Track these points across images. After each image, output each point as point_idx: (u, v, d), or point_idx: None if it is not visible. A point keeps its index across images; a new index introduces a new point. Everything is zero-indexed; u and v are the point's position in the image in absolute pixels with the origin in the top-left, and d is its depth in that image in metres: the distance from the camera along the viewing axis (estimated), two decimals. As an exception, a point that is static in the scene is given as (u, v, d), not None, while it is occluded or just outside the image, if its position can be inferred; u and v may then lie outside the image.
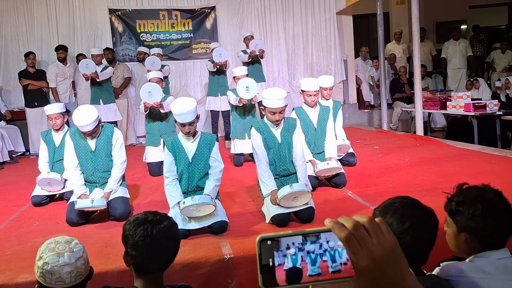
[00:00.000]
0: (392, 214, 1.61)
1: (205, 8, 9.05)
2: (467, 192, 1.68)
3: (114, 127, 4.25)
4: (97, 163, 4.09)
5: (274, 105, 3.67)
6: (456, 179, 1.91)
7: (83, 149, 4.07)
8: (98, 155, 4.09)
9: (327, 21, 9.44)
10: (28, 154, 7.96)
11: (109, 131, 4.14)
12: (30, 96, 7.80)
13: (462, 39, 10.20)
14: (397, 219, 1.59)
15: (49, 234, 3.66)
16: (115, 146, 4.14)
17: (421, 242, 1.59)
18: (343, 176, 4.61)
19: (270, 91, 3.83)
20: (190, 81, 9.10)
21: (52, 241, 1.94)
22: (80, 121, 3.88)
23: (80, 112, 3.94)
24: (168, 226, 1.91)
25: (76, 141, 4.07)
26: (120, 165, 4.14)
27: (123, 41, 8.85)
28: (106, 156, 4.11)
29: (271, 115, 3.72)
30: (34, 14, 8.58)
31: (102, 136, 4.09)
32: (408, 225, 1.58)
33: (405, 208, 1.62)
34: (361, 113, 9.73)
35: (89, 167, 4.09)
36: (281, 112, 3.73)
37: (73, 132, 4.11)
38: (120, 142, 4.17)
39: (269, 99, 3.68)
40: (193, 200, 3.34)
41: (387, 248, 0.68)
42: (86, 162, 4.09)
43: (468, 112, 7.08)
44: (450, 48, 10.08)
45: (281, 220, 3.55)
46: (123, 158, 4.17)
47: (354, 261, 0.67)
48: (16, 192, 5.32)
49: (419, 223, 1.60)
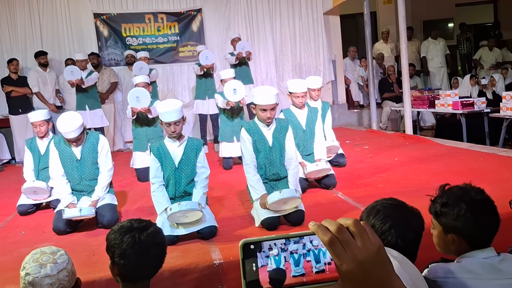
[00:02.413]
0: (374, 215, 1.62)
1: (191, 10, 8.99)
2: (450, 193, 1.70)
3: (100, 134, 4.18)
4: (83, 172, 4.02)
5: (265, 101, 3.60)
6: (445, 178, 1.90)
7: (68, 157, 4.00)
8: (84, 163, 4.01)
9: (314, 22, 9.44)
10: (14, 162, 7.85)
11: (94, 139, 4.06)
12: (14, 103, 7.68)
13: (440, 38, 10.29)
14: (379, 220, 1.60)
15: (35, 244, 3.59)
16: (101, 153, 4.06)
17: (406, 243, 1.58)
18: (333, 177, 4.58)
19: (260, 88, 3.80)
20: (177, 84, 9.03)
21: (38, 251, 1.90)
22: (65, 128, 3.80)
23: (64, 119, 3.86)
24: (154, 231, 1.91)
25: (61, 150, 3.99)
26: (107, 172, 4.08)
27: (109, 45, 8.77)
28: (92, 164, 4.04)
29: (262, 112, 3.64)
30: (17, 20, 8.45)
31: (87, 144, 4.02)
32: (389, 225, 1.58)
33: (387, 209, 1.63)
34: (350, 113, 9.73)
35: (75, 176, 4.02)
36: (273, 109, 3.65)
37: (57, 140, 4.03)
38: (106, 149, 4.10)
39: (260, 96, 3.62)
40: (180, 206, 3.29)
41: (372, 250, 0.67)
42: (72, 171, 4.01)
43: (456, 110, 7.11)
44: (431, 47, 10.17)
45: (271, 223, 3.51)
46: (109, 165, 4.10)
47: (338, 264, 0.66)
48: (2, 201, 5.23)
49: (402, 223, 1.60)
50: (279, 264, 0.69)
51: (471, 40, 11.28)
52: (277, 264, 0.69)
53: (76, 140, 3.90)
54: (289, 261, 0.70)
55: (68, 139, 3.88)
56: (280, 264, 0.69)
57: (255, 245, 0.70)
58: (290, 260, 0.70)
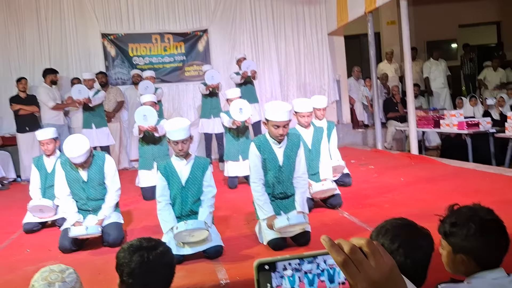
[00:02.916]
0: (383, 234, 1.62)
1: (198, 31, 9.12)
2: (459, 213, 1.69)
3: (106, 154, 4.16)
4: (90, 193, 4.02)
5: (278, 118, 3.48)
6: (452, 198, 1.90)
7: (74, 179, 3.98)
8: (91, 185, 4.00)
9: (319, 42, 9.54)
10: (19, 180, 7.87)
11: (101, 160, 4.04)
12: (22, 121, 7.74)
13: (441, 59, 10.36)
14: (388, 239, 1.60)
15: (41, 262, 3.58)
16: (108, 174, 4.04)
17: (414, 262, 1.58)
18: (339, 197, 4.57)
19: (274, 103, 3.66)
20: (183, 103, 9.11)
21: (47, 269, 1.90)
22: (71, 153, 3.75)
23: (71, 143, 3.80)
24: (163, 251, 1.91)
25: (67, 171, 3.97)
26: (114, 192, 4.07)
27: (116, 64, 8.88)
28: (98, 185, 4.03)
29: (275, 129, 3.52)
30: (26, 38, 8.59)
31: (93, 166, 3.99)
32: (398, 245, 1.58)
33: (397, 229, 1.63)
34: (355, 133, 9.75)
35: (82, 196, 4.02)
36: (286, 126, 3.53)
37: (63, 161, 4.00)
38: (113, 170, 4.08)
39: (273, 112, 3.49)
40: (186, 225, 3.28)
41: (385, 270, 0.68)
42: (79, 192, 4.00)
43: (462, 130, 7.11)
44: (433, 68, 10.23)
45: (278, 244, 3.49)
46: (117, 185, 4.10)
47: (352, 284, 0.67)
48: (7, 219, 5.24)
49: (411, 243, 1.60)
50: (294, 284, 0.70)
51: (475, 61, 11.35)
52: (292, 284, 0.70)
53: (83, 164, 3.89)
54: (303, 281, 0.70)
55: (75, 163, 3.87)
56: (294, 284, 0.70)
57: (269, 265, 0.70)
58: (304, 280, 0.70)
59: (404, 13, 6.96)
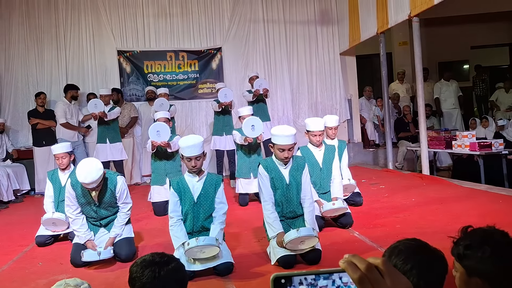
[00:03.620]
0: (396, 254, 1.61)
1: (211, 49, 9.26)
2: (473, 235, 1.66)
3: (117, 176, 4.08)
4: (101, 213, 4.05)
5: (283, 141, 3.64)
6: (464, 220, 1.90)
7: (86, 201, 3.98)
8: (102, 207, 4.03)
9: (331, 61, 9.62)
10: (33, 193, 7.97)
11: (112, 184, 3.99)
12: (39, 135, 7.89)
13: (452, 80, 10.34)
14: (401, 260, 1.59)
15: (53, 275, 3.63)
16: (120, 196, 4.04)
17: (427, 284, 1.57)
18: (350, 216, 4.56)
19: (279, 127, 3.81)
20: (195, 120, 9.20)
21: (63, 283, 1.92)
22: (85, 179, 3.69)
23: (84, 168, 3.72)
24: (175, 268, 1.90)
25: (78, 193, 3.95)
26: (126, 211, 4.10)
27: (131, 81, 9.04)
28: (109, 207, 4.05)
29: (280, 152, 3.67)
30: (45, 56, 8.82)
31: (105, 189, 3.96)
32: (411, 266, 1.57)
33: (410, 250, 1.62)
34: (366, 152, 9.73)
35: (93, 216, 4.05)
36: (290, 149, 3.67)
37: (74, 182, 3.91)
38: (125, 191, 4.05)
39: (278, 136, 3.65)
40: (198, 242, 3.30)
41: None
42: (90, 212, 4.03)
43: (474, 152, 7.07)
44: (444, 89, 10.20)
45: (287, 261, 3.50)
46: (129, 205, 4.13)
47: None
48: (20, 232, 5.30)
49: (424, 264, 1.59)
50: None
51: (487, 82, 11.32)
52: None
53: (95, 188, 3.85)
54: None
55: (87, 188, 3.85)
56: None
57: (285, 279, 0.71)
58: None
59: (416, 34, 7.01)
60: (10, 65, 8.73)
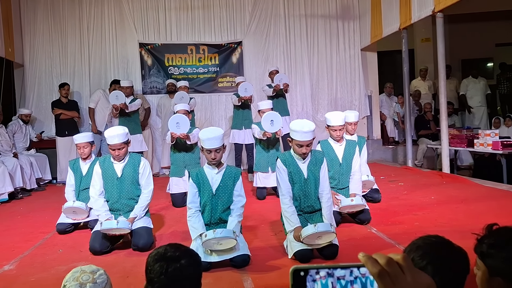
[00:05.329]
0: (415, 250, 1.60)
1: (232, 43, 9.27)
2: (498, 234, 1.63)
3: (142, 157, 4.36)
4: (122, 190, 4.15)
5: (301, 137, 3.62)
6: (485, 219, 1.86)
7: (110, 175, 4.15)
8: (124, 181, 4.15)
9: (351, 57, 9.54)
10: (55, 182, 8.13)
11: (136, 160, 4.25)
12: (62, 125, 8.04)
13: (480, 77, 10.14)
14: (418, 255, 1.58)
15: (72, 262, 3.70)
16: (143, 174, 4.21)
17: (444, 283, 1.53)
18: (368, 213, 4.53)
19: (298, 123, 3.76)
20: (215, 113, 9.25)
21: (78, 269, 1.94)
22: (110, 132, 4.12)
23: (111, 128, 4.28)
24: (185, 265, 1.84)
25: (104, 168, 4.17)
26: (148, 192, 4.21)
27: (152, 73, 9.12)
28: (131, 184, 4.17)
29: (298, 147, 3.66)
30: (68, 48, 8.98)
31: (128, 163, 4.19)
32: (427, 262, 1.55)
33: (428, 246, 1.60)
34: (385, 149, 9.64)
35: (114, 194, 4.15)
36: (308, 145, 3.66)
37: (102, 160, 4.26)
38: (148, 170, 4.26)
39: (297, 132, 3.63)
40: (215, 234, 3.33)
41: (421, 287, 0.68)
42: (112, 189, 4.15)
43: (497, 151, 6.94)
44: (471, 86, 10.01)
45: (304, 256, 3.50)
46: (151, 186, 4.23)
47: None
48: (42, 219, 5.42)
49: (441, 262, 1.56)
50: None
51: (512, 80, 11.08)
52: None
53: (119, 148, 4.08)
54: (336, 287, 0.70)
55: (111, 145, 4.07)
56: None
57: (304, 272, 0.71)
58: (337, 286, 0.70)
59: (440, 30, 6.88)
60: (34, 56, 8.91)
